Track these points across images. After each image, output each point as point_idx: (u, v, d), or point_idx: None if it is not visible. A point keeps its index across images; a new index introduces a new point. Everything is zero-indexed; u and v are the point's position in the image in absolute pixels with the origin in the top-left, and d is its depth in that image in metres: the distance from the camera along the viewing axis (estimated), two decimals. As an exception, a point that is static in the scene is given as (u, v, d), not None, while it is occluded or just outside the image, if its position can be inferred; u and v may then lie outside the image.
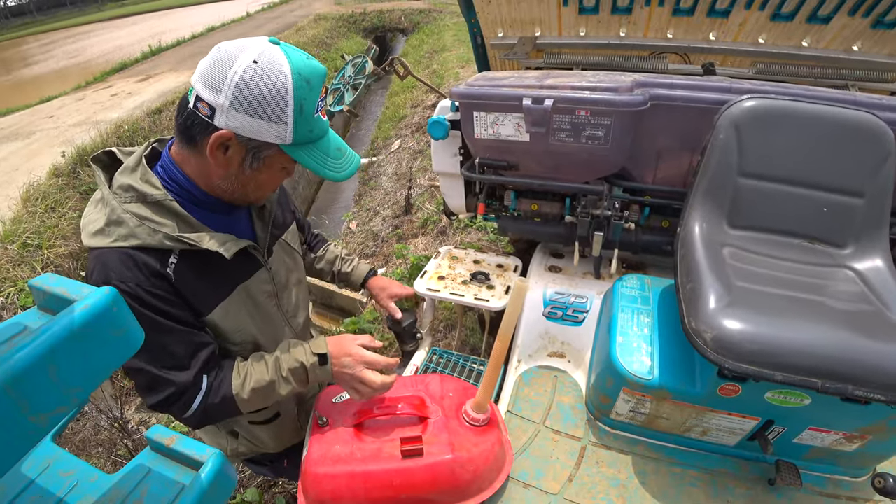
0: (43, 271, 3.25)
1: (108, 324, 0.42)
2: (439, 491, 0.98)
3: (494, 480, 1.07)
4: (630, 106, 1.31)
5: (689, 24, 1.96)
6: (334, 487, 0.95)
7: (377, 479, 0.95)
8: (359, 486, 0.95)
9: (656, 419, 1.19)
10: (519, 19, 2.06)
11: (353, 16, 13.17)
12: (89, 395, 0.43)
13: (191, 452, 0.55)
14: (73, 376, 0.39)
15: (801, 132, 1.19)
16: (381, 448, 0.99)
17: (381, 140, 6.89)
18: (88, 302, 0.40)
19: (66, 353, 0.38)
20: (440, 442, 1.00)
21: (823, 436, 1.08)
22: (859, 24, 1.79)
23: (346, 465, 0.97)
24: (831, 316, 0.97)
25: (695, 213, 1.21)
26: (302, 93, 0.83)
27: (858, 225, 1.17)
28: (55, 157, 4.54)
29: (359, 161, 0.99)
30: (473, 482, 1.01)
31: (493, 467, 1.06)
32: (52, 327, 0.37)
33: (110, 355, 0.43)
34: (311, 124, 0.87)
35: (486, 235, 3.43)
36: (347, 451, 0.99)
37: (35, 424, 0.36)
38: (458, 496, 1.01)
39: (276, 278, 1.12)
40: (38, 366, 0.36)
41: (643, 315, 1.28)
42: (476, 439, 1.04)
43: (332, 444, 1.00)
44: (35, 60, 17.27)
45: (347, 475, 0.95)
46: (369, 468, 0.96)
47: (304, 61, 0.85)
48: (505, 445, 1.15)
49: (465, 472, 0.99)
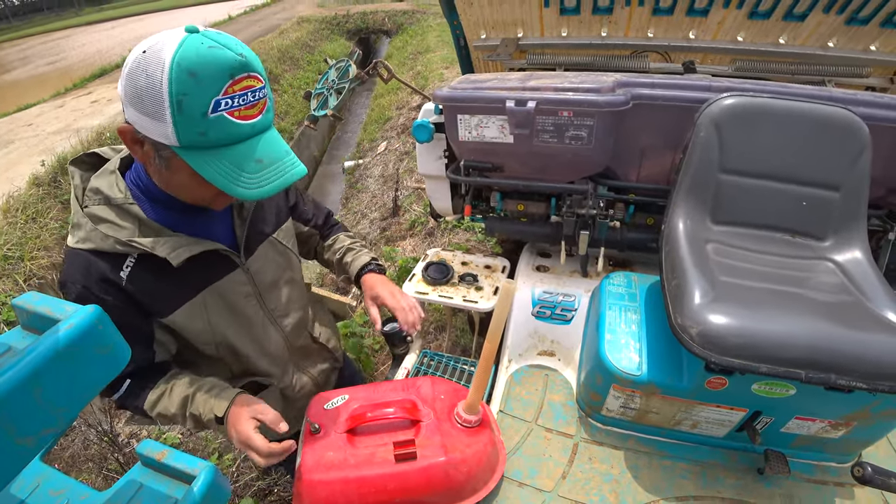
0: (25, 284, 3.18)
1: (93, 342, 0.41)
2: (434, 493, 0.99)
3: (489, 480, 1.09)
4: (612, 106, 1.33)
5: (669, 23, 1.99)
6: (329, 494, 0.96)
7: (371, 484, 0.96)
8: (353, 492, 0.96)
9: (646, 414, 1.21)
10: (501, 21, 2.07)
11: (337, 18, 13.09)
12: (77, 414, 0.42)
13: (182, 466, 0.55)
14: (60, 397, 0.38)
15: (780, 128, 1.22)
16: (374, 453, 0.99)
17: (366, 142, 6.87)
18: (73, 321, 0.40)
19: (51, 373, 0.37)
20: (433, 444, 1.00)
21: (809, 424, 1.11)
22: (834, 21, 1.83)
23: (339, 471, 0.97)
24: (813, 307, 0.99)
25: (678, 211, 1.23)
26: (182, 87, 0.71)
27: (837, 218, 1.20)
28: (35, 167, 4.45)
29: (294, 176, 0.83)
30: (468, 483, 1.03)
31: (486, 467, 1.07)
32: (36, 348, 0.37)
33: (97, 374, 0.43)
34: (203, 126, 0.74)
35: (474, 236, 3.44)
36: (341, 457, 0.99)
37: (23, 447, 0.36)
38: (452, 497, 1.02)
39: (258, 278, 1.09)
40: (24, 388, 0.35)
41: (630, 312, 1.30)
42: (469, 440, 1.05)
43: (326, 451, 1.00)
44: (12, 66, 16.93)
45: (342, 481, 0.96)
46: (363, 473, 0.96)
47: (196, 51, 0.72)
48: (498, 445, 1.16)
49: (458, 474, 1.00)
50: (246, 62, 0.76)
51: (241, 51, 0.76)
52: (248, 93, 0.76)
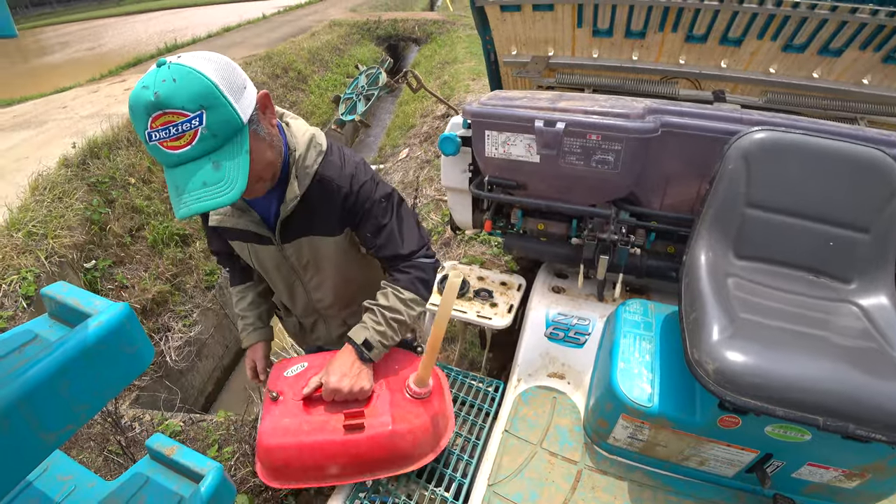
0: (47, 260, 3.25)
1: (120, 341, 0.41)
2: (380, 459, 1.08)
3: (435, 447, 1.16)
4: (641, 133, 1.32)
5: (702, 51, 1.98)
6: (285, 457, 1.06)
7: (322, 450, 1.05)
8: (306, 456, 1.06)
9: (654, 446, 1.18)
10: (533, 38, 2.08)
11: (368, 23, 13.26)
12: (98, 411, 0.43)
13: (191, 464, 0.55)
14: (84, 393, 0.39)
15: (810, 166, 1.20)
16: (327, 421, 1.08)
17: (389, 148, 6.92)
18: (102, 318, 0.40)
19: (78, 369, 0.37)
20: (382, 414, 1.08)
21: (822, 472, 1.08)
22: (871, 58, 1.80)
23: (294, 437, 1.06)
24: (834, 352, 0.97)
25: (701, 242, 1.21)
26: (132, 119, 0.87)
27: (864, 260, 1.17)
28: (66, 148, 4.55)
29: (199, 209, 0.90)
30: (414, 450, 1.10)
31: (432, 436, 1.14)
32: (65, 343, 0.37)
33: (121, 372, 0.43)
34: (150, 151, 0.89)
35: (490, 249, 3.43)
36: (296, 423, 1.08)
37: (45, 441, 0.36)
38: (399, 463, 1.10)
39: (297, 257, 1.28)
40: (51, 383, 0.35)
41: (645, 341, 1.28)
42: (416, 411, 1.12)
43: (283, 418, 1.10)
44: (52, 50, 17.45)
45: (296, 446, 1.05)
46: (315, 440, 1.05)
47: (136, 90, 0.86)
48: (447, 414, 1.21)
49: (404, 442, 1.08)
50: (158, 102, 0.84)
51: (159, 90, 0.84)
52: (168, 127, 0.86)
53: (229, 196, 0.91)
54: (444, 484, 1.23)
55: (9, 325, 2.81)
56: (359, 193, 1.19)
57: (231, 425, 2.61)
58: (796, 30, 1.77)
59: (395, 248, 1.25)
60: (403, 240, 1.25)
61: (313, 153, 1.16)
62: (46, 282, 3.15)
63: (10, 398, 0.33)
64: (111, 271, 3.74)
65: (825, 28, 1.73)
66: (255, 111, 0.99)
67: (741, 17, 1.78)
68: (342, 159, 1.21)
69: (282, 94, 7.90)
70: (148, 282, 3.82)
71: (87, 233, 3.73)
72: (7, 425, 0.33)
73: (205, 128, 0.88)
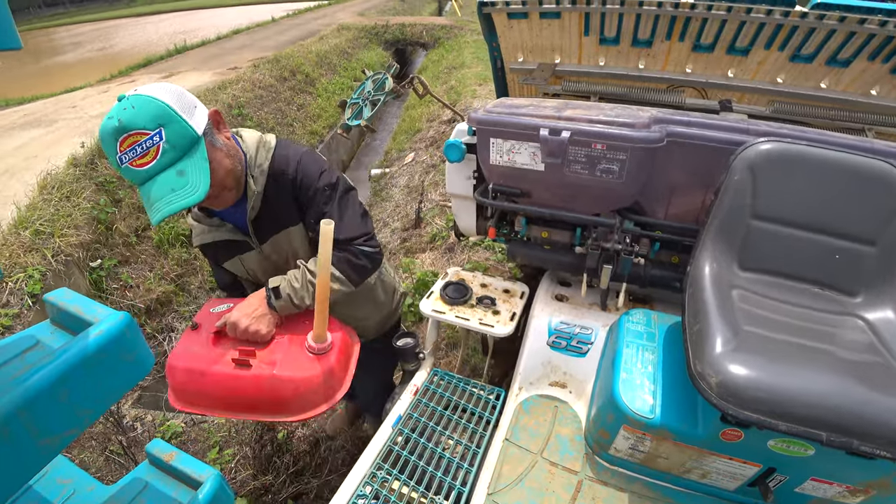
0: (53, 259, 3.27)
1: (120, 349, 0.42)
2: (261, 400, 1.15)
3: (320, 404, 1.20)
4: (646, 142, 1.32)
5: (708, 60, 1.98)
6: (182, 379, 1.17)
7: (214, 379, 1.15)
8: (198, 381, 1.16)
9: (655, 458, 1.17)
10: (540, 46, 2.09)
11: (376, 28, 13.33)
12: (99, 417, 0.43)
13: (190, 471, 0.55)
14: (85, 400, 0.39)
15: (817, 178, 1.19)
16: (223, 354, 1.17)
17: (395, 152, 6.94)
18: (103, 327, 0.40)
19: (79, 377, 0.38)
20: (271, 359, 1.16)
21: (826, 487, 1.06)
22: (879, 69, 1.79)
23: (195, 362, 1.17)
24: (839, 366, 0.96)
25: (706, 253, 1.21)
26: (104, 151, 1.04)
27: (870, 274, 1.16)
28: (75, 147, 4.59)
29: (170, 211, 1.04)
30: (294, 400, 1.15)
31: (317, 391, 1.18)
32: (66, 352, 0.37)
33: (121, 379, 0.43)
34: (122, 174, 1.04)
35: (494, 255, 3.43)
36: (201, 352, 1.19)
37: (44, 447, 0.36)
38: (279, 408, 1.16)
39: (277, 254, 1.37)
40: (51, 390, 0.36)
41: (648, 352, 1.27)
42: (306, 365, 1.18)
43: (193, 345, 1.21)
44: (64, 50, 17.65)
45: (196, 371, 1.16)
46: (211, 369, 1.15)
47: (104, 122, 1.01)
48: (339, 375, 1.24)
49: (285, 389, 1.14)
50: (122, 126, 1.00)
51: (121, 117, 1.00)
52: (135, 147, 1.01)
53: (195, 196, 1.05)
54: (443, 492, 1.23)
55: (14, 322, 2.83)
56: (303, 181, 1.30)
57: (232, 427, 2.62)
58: (804, 40, 1.76)
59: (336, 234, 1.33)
60: (342, 227, 1.32)
61: (263, 152, 1.29)
62: (52, 280, 3.17)
63: (12, 405, 0.33)
64: (116, 271, 3.76)
65: (833, 39, 1.72)
66: (209, 125, 1.14)
67: (748, 27, 1.77)
68: (289, 152, 1.32)
69: (289, 97, 7.94)
70: (153, 282, 3.84)
71: (93, 232, 3.76)
72: (7, 432, 0.33)
73: (165, 142, 1.03)
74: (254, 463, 2.35)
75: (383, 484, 1.24)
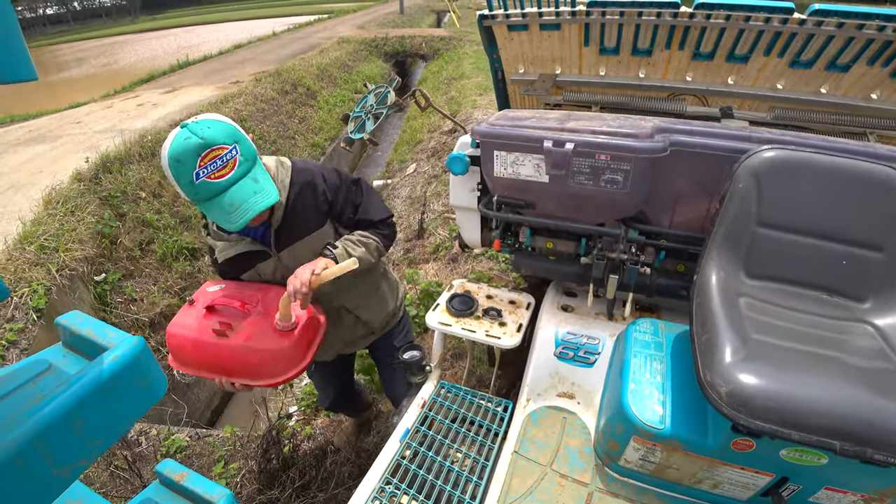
0: (58, 273, 3.28)
1: (134, 375, 0.42)
2: (236, 365, 1.34)
3: (283, 373, 1.37)
4: (650, 152, 1.32)
5: (708, 68, 1.98)
6: (175, 343, 1.37)
7: (199, 345, 1.34)
8: (190, 347, 1.35)
9: (666, 469, 1.16)
10: (540, 57, 2.10)
11: (376, 40, 13.46)
12: (111, 445, 0.43)
13: (201, 491, 0.55)
14: (98, 428, 0.39)
15: (821, 184, 1.19)
16: (208, 326, 1.34)
17: (396, 163, 6.97)
18: (118, 353, 0.40)
19: (93, 405, 0.38)
20: (244, 333, 1.33)
21: (840, 496, 1.05)
22: (879, 74, 1.80)
23: (187, 331, 1.35)
24: (850, 373, 0.95)
25: (712, 262, 1.20)
26: (176, 170, 1.14)
27: (878, 279, 1.15)
28: (79, 162, 4.63)
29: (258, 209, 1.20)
30: (260, 367, 1.35)
31: (279, 362, 1.36)
32: (80, 379, 0.37)
33: (134, 406, 0.43)
34: (195, 190, 1.15)
35: (498, 265, 3.43)
36: (193, 323, 1.37)
37: (59, 478, 0.36)
38: (249, 373, 1.36)
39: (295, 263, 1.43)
40: (67, 419, 0.36)
41: (656, 361, 1.26)
42: (273, 340, 1.34)
43: (188, 317, 1.39)
44: (69, 66, 17.84)
45: (187, 339, 1.35)
46: (197, 337, 1.34)
47: (177, 144, 1.12)
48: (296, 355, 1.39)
49: (252, 357, 1.33)
50: (206, 143, 1.13)
51: (203, 134, 1.13)
52: (216, 160, 1.15)
53: (273, 197, 1.23)
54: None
55: (19, 336, 2.83)
56: (330, 185, 1.46)
57: (237, 441, 2.60)
58: (803, 46, 1.77)
59: (370, 217, 1.55)
60: (375, 211, 1.56)
61: (283, 170, 1.42)
62: (57, 294, 3.18)
63: (28, 435, 0.33)
64: (121, 284, 3.77)
65: (832, 44, 1.73)
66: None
67: (747, 35, 1.78)
68: (308, 166, 1.48)
69: (291, 110, 8.00)
70: (157, 295, 3.84)
71: (97, 246, 3.77)
72: (24, 462, 0.33)
73: (240, 155, 1.19)
74: (259, 477, 2.33)
75: (392, 499, 1.23)
